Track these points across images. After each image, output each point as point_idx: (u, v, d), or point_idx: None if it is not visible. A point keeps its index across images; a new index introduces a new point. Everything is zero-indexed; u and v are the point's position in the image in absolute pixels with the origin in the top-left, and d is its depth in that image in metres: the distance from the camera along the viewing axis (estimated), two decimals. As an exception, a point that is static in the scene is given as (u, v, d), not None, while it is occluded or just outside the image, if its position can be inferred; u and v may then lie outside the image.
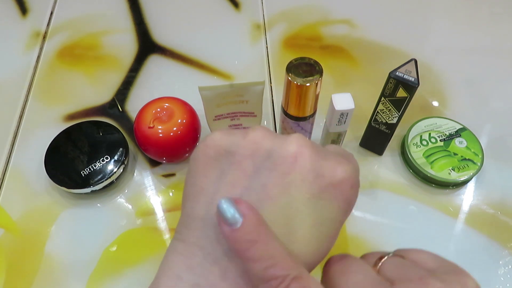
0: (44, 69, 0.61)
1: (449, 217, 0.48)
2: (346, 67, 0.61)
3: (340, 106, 0.43)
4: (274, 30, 0.65)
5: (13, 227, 0.47)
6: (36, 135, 0.54)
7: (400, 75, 0.41)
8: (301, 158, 0.22)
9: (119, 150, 0.49)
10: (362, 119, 0.51)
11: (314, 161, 0.23)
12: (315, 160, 0.23)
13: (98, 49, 0.63)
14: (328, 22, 0.67)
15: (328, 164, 0.23)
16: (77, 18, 0.67)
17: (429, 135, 0.51)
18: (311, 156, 0.23)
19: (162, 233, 0.47)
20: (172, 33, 0.65)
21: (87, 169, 0.47)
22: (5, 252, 0.45)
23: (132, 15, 0.68)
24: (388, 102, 0.44)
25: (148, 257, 0.45)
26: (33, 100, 0.58)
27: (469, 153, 0.50)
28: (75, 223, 0.48)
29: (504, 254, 0.45)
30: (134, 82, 0.60)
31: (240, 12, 0.68)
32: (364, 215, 0.48)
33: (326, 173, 0.23)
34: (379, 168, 0.52)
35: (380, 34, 0.65)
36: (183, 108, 0.48)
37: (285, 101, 0.44)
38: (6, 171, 0.51)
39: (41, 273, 0.44)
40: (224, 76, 0.60)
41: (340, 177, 0.23)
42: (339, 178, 0.23)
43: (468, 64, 0.62)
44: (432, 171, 0.48)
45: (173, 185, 0.50)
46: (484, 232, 0.47)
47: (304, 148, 0.23)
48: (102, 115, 0.56)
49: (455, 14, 0.69)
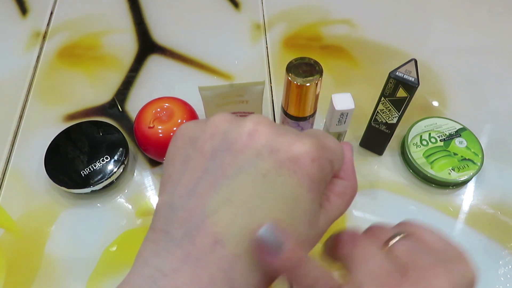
0: (44, 69, 0.61)
1: (449, 217, 0.48)
2: (346, 67, 0.61)
3: (340, 106, 0.43)
4: (274, 30, 0.65)
5: (13, 227, 0.47)
6: (36, 135, 0.54)
7: (400, 75, 0.41)
8: (256, 134, 0.22)
9: (119, 150, 0.49)
10: (362, 119, 0.51)
11: (269, 136, 0.22)
12: (270, 136, 0.22)
13: (98, 49, 0.63)
14: (328, 22, 0.67)
15: (284, 139, 0.22)
16: (77, 18, 0.67)
17: (429, 135, 0.51)
18: (266, 132, 0.22)
19: (162, 233, 0.47)
20: (172, 33, 0.65)
21: (87, 169, 0.47)
22: (5, 252, 0.45)
23: (132, 15, 0.68)
24: (388, 102, 0.44)
25: (148, 257, 0.45)
26: (33, 100, 0.58)
27: (469, 153, 0.50)
28: (75, 223, 0.48)
29: (504, 254, 0.46)
30: (134, 82, 0.60)
31: (240, 12, 0.68)
32: (364, 215, 0.48)
33: (282, 147, 0.22)
34: (379, 168, 0.52)
35: (380, 34, 0.65)
36: (183, 108, 0.48)
37: (285, 101, 0.44)
38: (6, 171, 0.51)
39: (41, 273, 0.44)
40: (224, 76, 0.60)
41: (298, 151, 0.22)
42: (296, 152, 0.22)
43: (468, 64, 0.62)
44: (432, 171, 0.48)
45: (173, 185, 0.50)
46: (484, 232, 0.47)
47: (259, 125, 0.22)
48: (102, 115, 0.56)
49: (455, 14, 0.69)
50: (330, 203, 0.24)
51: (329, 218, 0.24)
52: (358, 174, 0.26)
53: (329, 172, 0.23)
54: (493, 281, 0.44)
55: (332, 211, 0.24)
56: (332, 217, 0.24)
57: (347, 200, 0.25)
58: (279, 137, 0.22)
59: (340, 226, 0.47)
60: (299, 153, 0.22)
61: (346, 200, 0.25)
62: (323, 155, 0.22)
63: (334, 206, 0.24)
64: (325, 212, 0.24)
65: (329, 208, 0.24)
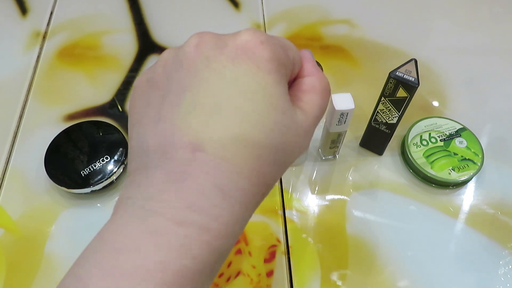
0: (44, 69, 0.61)
1: (449, 217, 0.48)
2: (346, 67, 0.61)
3: (340, 106, 0.43)
4: (274, 30, 0.65)
5: (13, 227, 0.47)
6: (36, 135, 0.54)
7: (400, 75, 0.41)
8: (202, 42, 0.22)
9: (119, 150, 0.49)
10: (362, 119, 0.51)
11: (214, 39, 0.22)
12: (215, 38, 0.22)
13: (98, 49, 0.63)
14: (328, 22, 0.67)
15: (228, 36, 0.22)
16: (77, 18, 0.67)
17: (429, 135, 0.51)
18: (211, 37, 0.22)
19: (162, 233, 0.47)
20: (172, 33, 0.65)
21: (87, 169, 0.47)
22: (5, 252, 0.45)
23: (132, 15, 0.68)
24: (388, 102, 0.44)
25: (148, 257, 0.45)
26: (33, 100, 0.58)
27: (469, 153, 0.50)
28: (75, 223, 0.47)
29: (504, 254, 0.45)
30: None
31: (240, 12, 0.68)
32: (364, 215, 0.48)
33: (229, 42, 0.22)
34: (379, 168, 0.52)
35: (380, 34, 0.65)
36: (183, 108, 0.48)
37: (285, 101, 0.44)
38: (6, 171, 0.51)
39: (41, 273, 0.44)
40: (224, 76, 0.60)
41: (244, 38, 0.21)
42: (243, 39, 0.21)
43: (468, 64, 0.62)
44: (432, 171, 0.48)
45: (173, 185, 0.50)
46: (484, 232, 0.47)
47: (204, 35, 0.22)
48: (102, 115, 0.56)
49: (455, 14, 0.69)
50: (303, 101, 0.24)
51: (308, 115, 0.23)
52: (358, 174, 0.25)
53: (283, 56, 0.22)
54: (493, 281, 0.44)
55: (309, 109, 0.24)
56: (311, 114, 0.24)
57: (321, 93, 0.24)
58: (223, 36, 0.22)
59: (340, 226, 0.47)
60: (246, 40, 0.21)
61: (319, 92, 0.24)
62: (271, 39, 0.22)
63: (309, 102, 0.24)
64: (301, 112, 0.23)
65: (305, 107, 0.24)
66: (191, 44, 0.22)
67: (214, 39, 0.22)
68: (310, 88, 0.24)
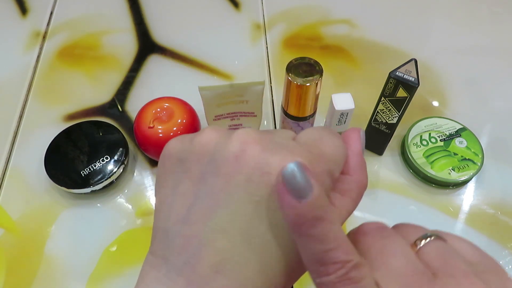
0: (44, 69, 0.61)
1: (449, 217, 0.48)
2: (346, 67, 0.61)
3: (340, 106, 0.43)
4: (274, 30, 0.65)
5: (13, 227, 0.47)
6: (36, 135, 0.54)
7: (400, 75, 0.41)
8: (243, 156, 0.20)
9: (119, 150, 0.49)
10: (362, 119, 0.51)
11: (257, 158, 0.20)
12: (259, 156, 0.20)
13: (98, 49, 0.63)
14: (328, 22, 0.67)
15: (274, 159, 0.20)
16: (77, 18, 0.67)
17: (429, 135, 0.51)
18: (254, 153, 0.20)
19: (162, 233, 0.47)
20: (172, 33, 0.65)
21: (87, 169, 0.47)
22: (5, 252, 0.45)
23: (132, 15, 0.68)
24: (388, 102, 0.44)
25: (148, 257, 0.45)
26: (33, 100, 0.58)
27: (469, 153, 0.50)
28: (75, 223, 0.48)
29: (504, 254, 0.45)
30: (134, 82, 0.60)
31: (240, 12, 0.68)
32: (364, 215, 0.48)
33: (272, 169, 0.20)
34: (379, 168, 0.52)
35: (380, 34, 0.65)
36: (183, 108, 0.48)
37: (285, 101, 0.44)
38: (6, 171, 0.51)
39: (41, 273, 0.44)
40: (224, 76, 0.60)
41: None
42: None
43: (468, 64, 0.62)
44: (432, 171, 0.48)
45: (173, 185, 0.50)
46: (484, 232, 0.47)
47: (246, 145, 0.21)
48: (102, 115, 0.56)
49: (455, 14, 0.69)
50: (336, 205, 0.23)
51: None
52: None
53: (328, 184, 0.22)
54: (493, 281, 0.44)
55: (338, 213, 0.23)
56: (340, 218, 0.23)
57: (354, 197, 0.23)
58: (268, 156, 0.20)
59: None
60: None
61: (353, 197, 0.23)
62: (318, 169, 0.21)
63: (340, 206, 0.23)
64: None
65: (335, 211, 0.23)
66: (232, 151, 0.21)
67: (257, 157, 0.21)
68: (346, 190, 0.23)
